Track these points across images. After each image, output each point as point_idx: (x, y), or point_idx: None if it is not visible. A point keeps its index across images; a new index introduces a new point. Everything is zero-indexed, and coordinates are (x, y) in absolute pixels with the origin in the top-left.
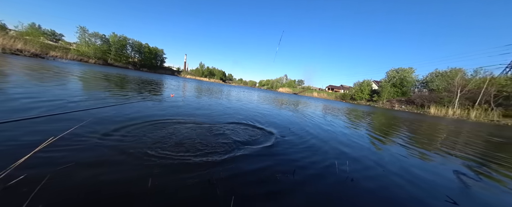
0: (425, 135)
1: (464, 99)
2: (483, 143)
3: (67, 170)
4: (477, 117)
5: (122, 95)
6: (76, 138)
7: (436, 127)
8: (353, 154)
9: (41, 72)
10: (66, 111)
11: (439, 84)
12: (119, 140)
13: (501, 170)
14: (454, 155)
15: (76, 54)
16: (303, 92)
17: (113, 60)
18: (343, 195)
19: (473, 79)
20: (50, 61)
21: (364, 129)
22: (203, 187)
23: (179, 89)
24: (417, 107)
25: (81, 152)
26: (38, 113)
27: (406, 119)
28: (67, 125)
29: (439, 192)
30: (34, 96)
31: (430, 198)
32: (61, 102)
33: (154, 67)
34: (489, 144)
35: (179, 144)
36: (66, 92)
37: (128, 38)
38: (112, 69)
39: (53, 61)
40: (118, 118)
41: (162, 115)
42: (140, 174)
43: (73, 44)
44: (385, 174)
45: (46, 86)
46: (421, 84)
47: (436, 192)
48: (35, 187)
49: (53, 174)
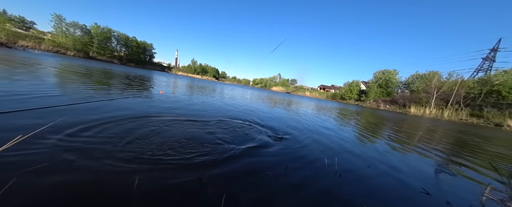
0: (405, 133)
1: (439, 100)
2: (453, 139)
3: (38, 172)
4: (449, 116)
5: (105, 91)
6: (48, 136)
7: (415, 125)
8: (342, 151)
9: (7, 64)
10: (37, 107)
11: (419, 86)
12: (101, 136)
13: (465, 163)
14: (429, 150)
15: (51, 45)
16: (296, 91)
17: (96, 53)
18: (332, 190)
19: (447, 82)
20: (19, 51)
21: (352, 127)
22: (194, 186)
23: (170, 86)
24: (400, 107)
25: (53, 152)
26: (5, 107)
27: (390, 118)
28: (39, 122)
29: (416, 184)
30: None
31: (408, 190)
32: (32, 97)
33: (142, 63)
34: (458, 140)
35: (168, 142)
36: (38, 87)
37: (113, 30)
38: (94, 63)
39: (23, 52)
40: (97, 115)
41: (150, 112)
42: (125, 174)
43: (47, 34)
44: (370, 170)
45: (16, 79)
46: (403, 86)
47: (414, 184)
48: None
49: (21, 177)
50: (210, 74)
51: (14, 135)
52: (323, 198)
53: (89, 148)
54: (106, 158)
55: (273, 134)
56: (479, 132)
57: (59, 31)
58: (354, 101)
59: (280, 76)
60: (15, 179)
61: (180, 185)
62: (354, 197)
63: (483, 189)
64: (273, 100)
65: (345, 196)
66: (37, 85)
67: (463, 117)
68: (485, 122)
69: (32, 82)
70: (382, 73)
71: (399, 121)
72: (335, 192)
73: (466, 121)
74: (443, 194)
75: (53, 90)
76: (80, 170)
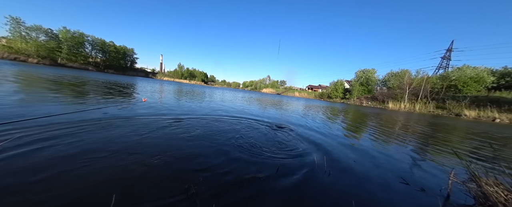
0: (384, 127)
1: (411, 95)
2: (423, 130)
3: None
4: (420, 109)
5: (74, 102)
6: (5, 157)
7: (392, 119)
8: (330, 148)
9: None
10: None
11: (394, 83)
12: (71, 153)
13: (434, 151)
14: (405, 141)
15: (7, 52)
16: (285, 92)
17: (66, 60)
18: (323, 189)
19: (416, 79)
20: None
21: (339, 124)
22: (180, 198)
23: (155, 93)
24: (380, 103)
25: (11, 174)
26: None
27: (371, 113)
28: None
29: (396, 175)
30: None
31: (390, 182)
32: None
33: (123, 69)
34: (427, 130)
35: (149, 151)
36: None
37: (86, 35)
38: (63, 71)
39: None
40: (61, 130)
41: (128, 120)
42: (97, 193)
43: (1, 39)
44: (356, 165)
45: None
46: (381, 83)
47: (394, 176)
48: None
49: None
50: (199, 79)
51: None
52: (315, 198)
53: (48, 169)
54: (82, 170)
55: (263, 136)
56: (443, 121)
57: (17, 36)
58: (340, 99)
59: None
60: None
61: (165, 198)
62: (343, 194)
63: (449, 173)
64: (263, 102)
65: (335, 194)
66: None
67: (431, 109)
68: (448, 113)
69: None
70: (363, 72)
71: (379, 115)
72: (326, 191)
73: (434, 113)
74: (418, 181)
75: (4, 104)
76: (41, 194)
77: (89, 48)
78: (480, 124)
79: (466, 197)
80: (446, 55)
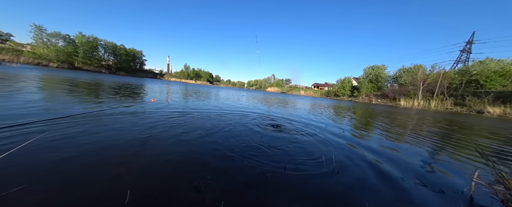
0: (397, 125)
1: (425, 92)
2: (441, 128)
3: (13, 196)
4: (436, 106)
5: (91, 102)
6: (25, 156)
7: (405, 117)
8: (338, 147)
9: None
10: (12, 124)
11: (406, 79)
12: (84, 153)
13: (454, 151)
14: (420, 141)
15: (31, 57)
16: (291, 91)
17: (82, 63)
18: (332, 188)
19: (431, 74)
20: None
21: (347, 122)
22: (190, 194)
23: (163, 93)
24: (391, 100)
25: (31, 173)
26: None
27: (381, 111)
28: (17, 140)
29: (412, 176)
30: None
31: (406, 183)
32: (5, 114)
33: (133, 71)
34: (445, 129)
35: (159, 149)
36: (13, 102)
37: (99, 39)
38: (80, 74)
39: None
40: (89, 126)
41: (140, 119)
42: (115, 187)
43: (26, 46)
44: (367, 164)
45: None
46: (392, 79)
47: (410, 177)
48: None
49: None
50: (204, 79)
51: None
52: (324, 196)
53: (69, 166)
54: (95, 170)
55: (270, 134)
56: (464, 119)
57: (40, 42)
58: (347, 97)
59: (274, 77)
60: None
61: (176, 193)
62: (355, 194)
63: (472, 174)
64: (268, 101)
65: (345, 194)
66: (12, 100)
67: (448, 107)
68: (468, 110)
69: (7, 98)
70: (372, 68)
71: (390, 113)
72: (335, 190)
73: (451, 110)
74: (436, 183)
75: (31, 105)
76: (62, 189)
77: (102, 51)
78: (506, 121)
79: (492, 200)
80: (466, 48)
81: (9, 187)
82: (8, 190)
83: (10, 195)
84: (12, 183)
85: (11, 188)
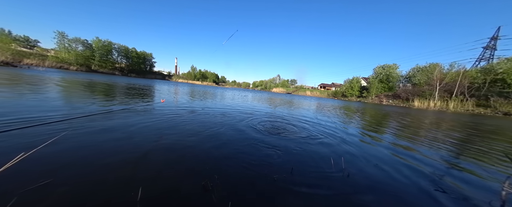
0: (411, 127)
1: (443, 92)
2: (461, 131)
3: (41, 189)
4: (455, 108)
5: (107, 102)
6: (51, 152)
7: (420, 119)
8: (347, 149)
9: (10, 82)
10: (40, 123)
11: (421, 79)
12: (101, 150)
13: (477, 156)
14: (438, 144)
15: (54, 61)
16: (296, 91)
17: (98, 66)
18: (342, 191)
19: (449, 73)
20: (24, 69)
21: (356, 124)
22: (198, 194)
23: (171, 94)
24: (403, 101)
25: (58, 168)
26: (6, 126)
27: (393, 112)
28: (44, 138)
29: (429, 181)
30: (2, 109)
31: (421, 189)
32: (34, 113)
33: (143, 72)
34: (466, 132)
35: (170, 149)
36: (40, 103)
37: (113, 43)
38: (97, 76)
39: (28, 70)
40: (107, 125)
41: (151, 119)
42: (127, 185)
43: (51, 51)
44: (378, 168)
45: (17, 96)
46: (405, 79)
47: (426, 182)
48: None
49: (21, 196)
50: (210, 80)
51: (16, 153)
52: (333, 200)
53: (89, 162)
54: (110, 169)
55: (276, 135)
56: (488, 122)
57: (62, 47)
58: (355, 98)
59: (280, 78)
60: (16, 199)
61: (184, 192)
62: (366, 198)
63: (501, 182)
64: (273, 102)
65: (356, 197)
66: (39, 101)
67: (469, 108)
68: (493, 112)
69: (35, 99)
70: (382, 68)
71: (403, 115)
72: (345, 193)
73: (473, 112)
74: (459, 190)
75: (55, 105)
76: (83, 183)
77: (115, 55)
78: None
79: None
80: (489, 44)
81: (37, 181)
82: (36, 183)
83: (38, 188)
84: (40, 177)
85: (39, 182)
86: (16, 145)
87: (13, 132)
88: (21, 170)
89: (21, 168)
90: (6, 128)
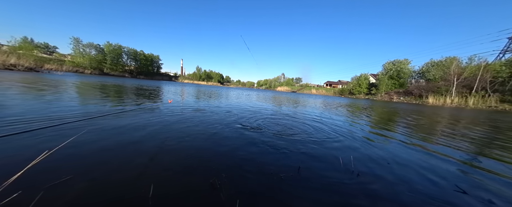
0: (426, 125)
1: (461, 87)
2: (482, 129)
3: (63, 185)
4: (475, 104)
5: (119, 103)
6: (71, 150)
7: (435, 116)
8: (356, 148)
9: (34, 86)
10: (60, 123)
11: (435, 74)
12: (116, 148)
13: (503, 155)
14: (456, 143)
15: (71, 66)
16: (301, 90)
17: (109, 69)
18: (351, 191)
19: (469, 67)
20: (45, 74)
21: (365, 122)
22: (206, 191)
23: (177, 95)
24: (416, 98)
25: (79, 164)
26: (29, 126)
27: (406, 110)
28: (63, 137)
29: (447, 182)
30: (26, 110)
31: (439, 189)
32: (55, 114)
33: (151, 74)
34: (489, 130)
35: (177, 147)
36: (60, 104)
37: (123, 47)
38: (108, 79)
39: (48, 74)
40: (119, 124)
41: (160, 119)
42: (140, 181)
43: (68, 56)
44: (390, 168)
45: (39, 99)
46: (417, 75)
47: (444, 183)
48: (29, 203)
49: (48, 190)
50: (215, 80)
51: (40, 151)
52: (342, 199)
53: (104, 160)
54: (125, 165)
55: (281, 133)
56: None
57: (77, 52)
58: (363, 95)
59: (284, 76)
60: (43, 193)
61: (193, 189)
62: (378, 198)
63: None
64: (278, 100)
65: (367, 197)
66: (59, 102)
67: (492, 104)
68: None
69: (56, 100)
70: (393, 64)
71: (417, 112)
72: (355, 193)
73: (497, 108)
74: (483, 192)
75: (74, 106)
76: (99, 180)
77: (125, 58)
78: None
79: None
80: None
81: (60, 177)
82: (59, 179)
83: (60, 184)
84: (62, 173)
85: (62, 178)
86: (40, 144)
87: (38, 131)
88: (45, 167)
89: (45, 165)
90: (32, 127)
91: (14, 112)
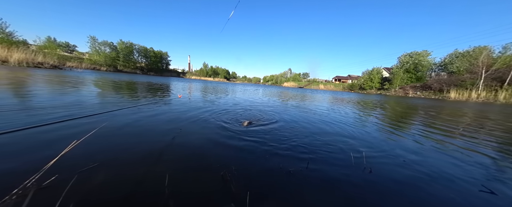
0: (447, 122)
1: (490, 80)
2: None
3: (92, 170)
4: (507, 99)
5: (132, 98)
6: (97, 139)
7: (458, 112)
8: (369, 144)
9: (61, 82)
10: (85, 115)
11: (460, 66)
12: (137, 139)
13: None
14: (482, 141)
15: (89, 63)
16: (309, 85)
17: (122, 66)
18: (363, 187)
19: (502, 57)
20: (67, 71)
21: (377, 118)
22: (218, 183)
23: (186, 90)
24: (435, 92)
25: (103, 153)
26: (59, 118)
27: (424, 105)
28: (88, 128)
29: (472, 181)
30: (56, 103)
31: (463, 189)
32: (79, 107)
33: (160, 71)
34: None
35: (189, 140)
36: (84, 98)
37: (134, 44)
38: (122, 76)
39: (70, 71)
40: (135, 117)
41: (170, 114)
42: (157, 168)
43: (86, 54)
44: (406, 164)
45: (66, 93)
46: (438, 68)
47: (469, 182)
48: (65, 186)
49: (80, 175)
50: (221, 76)
51: (70, 141)
52: (353, 195)
53: (123, 148)
54: (145, 155)
55: (288, 128)
56: None
57: (94, 50)
58: (375, 91)
59: (291, 71)
60: (76, 177)
61: (204, 181)
62: (393, 196)
63: None
64: (284, 95)
65: (380, 195)
66: (84, 97)
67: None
68: None
69: (78, 95)
70: (410, 56)
71: (437, 108)
72: (368, 189)
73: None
74: (510, 193)
75: (93, 100)
76: (120, 167)
77: (136, 55)
78: None
79: None
80: None
81: (88, 163)
82: (87, 166)
83: (89, 170)
84: (88, 161)
85: (89, 165)
86: (68, 134)
87: (66, 123)
88: (74, 154)
89: (74, 152)
90: (59, 119)
91: (46, 105)
